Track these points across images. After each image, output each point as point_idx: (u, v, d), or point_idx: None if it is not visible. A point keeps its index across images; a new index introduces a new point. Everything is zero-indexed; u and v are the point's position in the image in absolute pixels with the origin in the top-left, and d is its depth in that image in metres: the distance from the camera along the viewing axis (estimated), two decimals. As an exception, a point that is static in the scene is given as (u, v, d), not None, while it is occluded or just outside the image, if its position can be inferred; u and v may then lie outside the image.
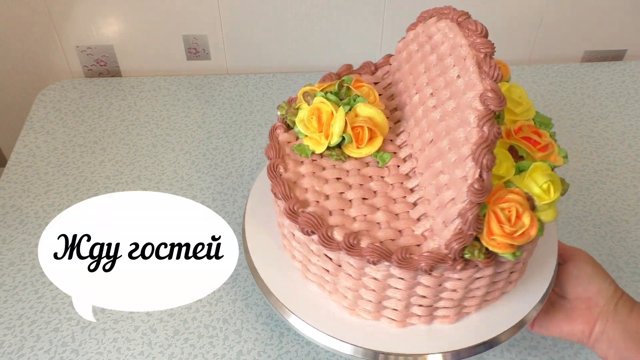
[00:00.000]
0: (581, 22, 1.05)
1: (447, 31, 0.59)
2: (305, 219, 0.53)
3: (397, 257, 0.51)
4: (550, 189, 0.53)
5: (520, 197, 0.52)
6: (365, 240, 0.52)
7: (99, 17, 0.99)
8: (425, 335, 0.57)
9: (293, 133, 0.62)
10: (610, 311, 0.59)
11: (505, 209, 0.51)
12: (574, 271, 0.62)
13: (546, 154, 0.57)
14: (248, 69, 1.07)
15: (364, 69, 0.68)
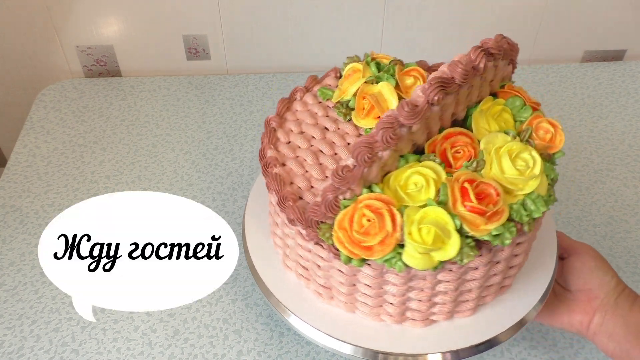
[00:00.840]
0: (581, 22, 1.05)
1: None
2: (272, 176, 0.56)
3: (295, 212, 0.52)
4: (426, 234, 0.49)
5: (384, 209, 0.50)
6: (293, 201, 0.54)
7: (99, 17, 0.99)
8: (425, 335, 0.57)
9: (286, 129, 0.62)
10: (610, 304, 0.59)
11: (365, 215, 0.50)
12: (576, 264, 0.62)
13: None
14: (248, 69, 1.07)
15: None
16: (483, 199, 0.51)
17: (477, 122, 0.56)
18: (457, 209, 0.50)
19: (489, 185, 0.51)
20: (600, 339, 0.59)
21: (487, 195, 0.51)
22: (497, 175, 0.52)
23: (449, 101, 0.54)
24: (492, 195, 0.51)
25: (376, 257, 0.50)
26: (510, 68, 0.61)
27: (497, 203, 0.50)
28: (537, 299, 0.59)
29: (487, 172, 0.52)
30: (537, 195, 0.52)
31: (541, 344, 0.68)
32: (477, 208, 0.49)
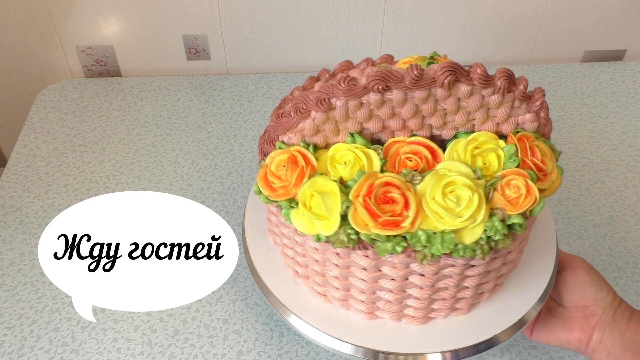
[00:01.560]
0: (581, 22, 1.05)
1: None
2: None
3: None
4: (312, 201, 0.52)
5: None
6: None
7: (99, 17, 0.99)
8: (425, 335, 0.57)
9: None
10: (608, 320, 0.58)
11: (284, 161, 0.55)
12: (570, 278, 0.61)
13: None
14: (248, 69, 1.07)
15: (363, 65, 0.68)
16: (386, 203, 0.50)
17: (454, 146, 0.55)
18: (356, 197, 0.51)
19: (402, 195, 0.50)
20: (599, 356, 0.58)
21: (394, 203, 0.50)
22: (422, 192, 0.51)
23: (396, 99, 0.52)
24: (397, 207, 0.50)
25: (274, 199, 0.54)
26: (535, 121, 0.55)
27: (398, 215, 0.50)
28: (537, 299, 0.59)
29: (419, 187, 0.52)
30: (451, 238, 0.50)
31: (541, 343, 0.68)
32: (371, 208, 0.50)
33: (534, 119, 0.55)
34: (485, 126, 0.56)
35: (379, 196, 0.51)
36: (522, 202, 0.51)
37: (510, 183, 0.52)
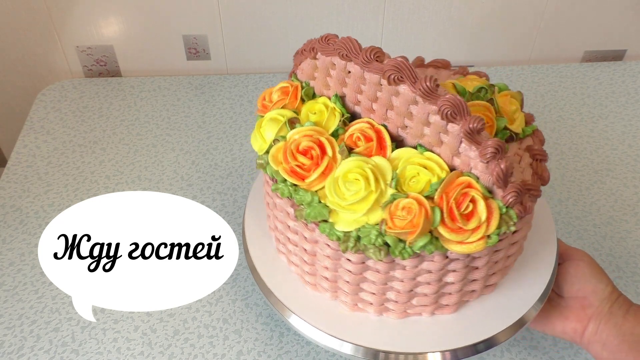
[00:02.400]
0: (581, 22, 1.05)
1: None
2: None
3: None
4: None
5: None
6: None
7: (99, 17, 0.99)
8: (425, 334, 0.57)
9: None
10: (604, 312, 0.59)
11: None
12: (570, 270, 0.62)
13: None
14: (248, 69, 1.07)
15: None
16: (304, 154, 0.54)
17: (404, 152, 0.54)
18: (290, 141, 0.55)
19: (318, 157, 0.54)
20: (594, 347, 0.59)
21: (309, 158, 0.54)
22: (337, 166, 0.54)
23: (354, 72, 0.54)
24: (308, 163, 0.53)
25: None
26: (488, 175, 0.50)
27: (305, 169, 0.54)
28: (537, 299, 0.59)
29: (342, 163, 0.54)
30: (322, 210, 0.52)
31: (541, 344, 0.68)
32: (289, 152, 0.55)
33: (486, 172, 0.50)
34: (440, 150, 0.53)
35: (302, 148, 0.54)
36: (403, 225, 0.49)
37: (405, 205, 0.50)
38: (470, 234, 0.50)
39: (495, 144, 0.48)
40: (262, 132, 0.58)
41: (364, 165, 0.52)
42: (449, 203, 0.49)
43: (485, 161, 0.49)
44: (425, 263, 0.53)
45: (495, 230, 0.50)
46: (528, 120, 0.62)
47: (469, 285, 0.57)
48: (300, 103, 0.60)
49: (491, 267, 0.57)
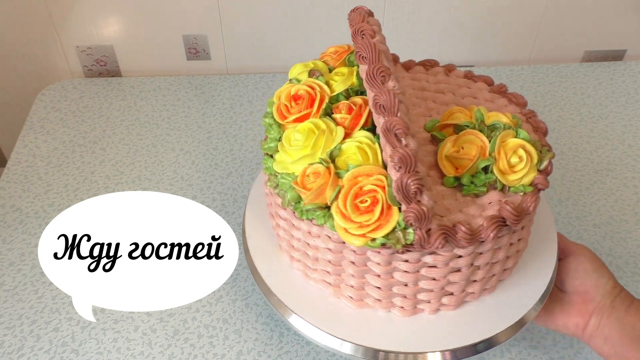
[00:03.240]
0: (581, 22, 1.05)
1: None
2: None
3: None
4: None
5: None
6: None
7: (99, 17, 0.99)
8: (425, 334, 0.57)
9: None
10: (606, 306, 0.59)
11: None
12: (572, 265, 0.62)
13: None
14: (248, 69, 1.07)
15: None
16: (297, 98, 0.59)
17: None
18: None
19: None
20: (596, 342, 0.59)
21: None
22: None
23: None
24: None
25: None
26: None
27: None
28: (537, 299, 0.59)
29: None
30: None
31: (541, 343, 0.68)
32: (280, 104, 0.59)
33: (394, 181, 0.49)
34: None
35: (296, 94, 0.58)
36: (305, 185, 0.53)
37: (316, 170, 0.53)
38: (355, 226, 0.50)
39: (403, 154, 0.48)
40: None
41: (320, 126, 0.55)
42: (350, 189, 0.51)
43: (395, 168, 0.49)
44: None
45: (383, 237, 0.50)
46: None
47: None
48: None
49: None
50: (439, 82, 0.69)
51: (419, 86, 0.68)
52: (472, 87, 0.68)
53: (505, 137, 0.56)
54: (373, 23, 0.58)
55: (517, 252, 0.60)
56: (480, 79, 0.68)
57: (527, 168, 0.55)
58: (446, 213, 0.54)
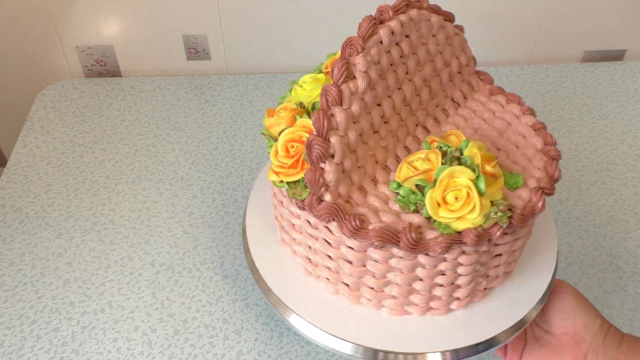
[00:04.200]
0: (581, 22, 1.05)
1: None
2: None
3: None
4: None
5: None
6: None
7: (99, 17, 0.99)
8: (425, 334, 0.57)
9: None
10: (599, 346, 0.57)
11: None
12: (558, 304, 0.60)
13: None
14: (248, 69, 1.07)
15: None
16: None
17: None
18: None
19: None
20: None
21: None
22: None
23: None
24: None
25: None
26: None
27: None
28: (537, 299, 0.59)
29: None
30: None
31: None
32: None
33: None
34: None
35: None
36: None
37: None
38: (276, 165, 0.55)
39: (320, 119, 0.51)
40: None
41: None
42: (289, 134, 0.56)
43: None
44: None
45: (287, 183, 0.55)
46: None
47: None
48: None
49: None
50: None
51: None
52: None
53: (458, 172, 0.52)
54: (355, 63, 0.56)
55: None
56: (513, 99, 0.66)
57: (459, 213, 0.50)
58: (361, 205, 0.54)
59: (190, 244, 0.78)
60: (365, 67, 0.53)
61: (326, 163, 0.52)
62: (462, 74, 0.67)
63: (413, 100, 0.61)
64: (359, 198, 0.54)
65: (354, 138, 0.54)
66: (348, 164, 0.54)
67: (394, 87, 0.58)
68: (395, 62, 0.57)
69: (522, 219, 0.52)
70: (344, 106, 0.53)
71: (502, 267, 0.58)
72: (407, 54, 0.58)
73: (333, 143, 0.52)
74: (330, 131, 0.52)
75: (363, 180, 0.56)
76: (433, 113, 0.63)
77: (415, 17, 0.59)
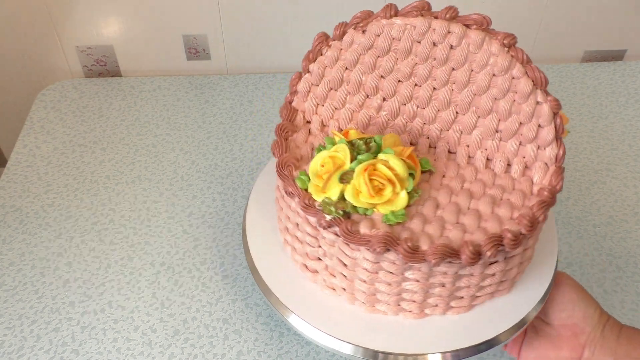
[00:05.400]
0: (581, 22, 1.05)
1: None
2: (378, 239, 0.52)
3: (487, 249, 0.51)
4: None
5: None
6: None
7: (99, 17, 0.99)
8: (424, 335, 0.57)
9: (303, 131, 0.62)
10: (597, 338, 0.57)
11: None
12: (557, 296, 0.60)
13: None
14: (248, 69, 1.07)
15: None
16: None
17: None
18: None
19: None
20: None
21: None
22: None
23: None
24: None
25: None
26: None
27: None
28: (538, 299, 0.59)
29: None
30: None
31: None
32: None
33: None
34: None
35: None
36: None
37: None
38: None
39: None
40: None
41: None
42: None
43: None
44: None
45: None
46: None
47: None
48: None
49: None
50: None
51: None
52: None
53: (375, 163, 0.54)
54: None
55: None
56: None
57: (388, 195, 0.53)
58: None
59: (190, 244, 0.78)
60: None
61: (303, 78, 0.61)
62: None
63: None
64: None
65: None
66: (320, 91, 0.61)
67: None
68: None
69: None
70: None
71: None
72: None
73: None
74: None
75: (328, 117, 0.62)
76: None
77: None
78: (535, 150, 0.59)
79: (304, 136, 0.62)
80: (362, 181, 0.53)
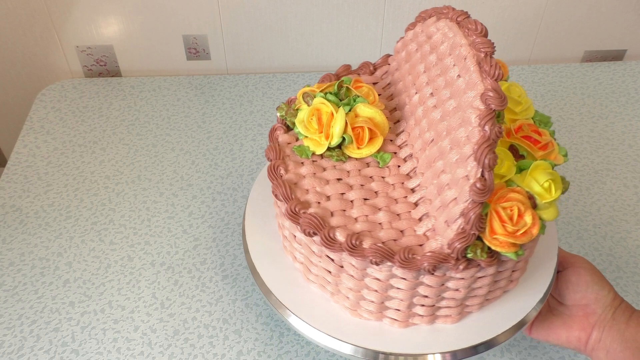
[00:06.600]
0: (581, 22, 1.05)
1: (447, 31, 0.59)
2: (307, 220, 0.53)
3: (399, 257, 0.51)
4: (552, 187, 0.53)
5: (522, 195, 0.52)
6: (368, 241, 0.52)
7: (99, 17, 0.99)
8: (425, 336, 0.57)
9: (293, 134, 0.62)
10: (607, 319, 0.58)
11: (507, 207, 0.51)
12: (572, 278, 0.61)
13: (546, 153, 0.57)
14: (248, 69, 1.07)
15: (363, 69, 0.68)
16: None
17: None
18: None
19: None
20: (598, 355, 0.59)
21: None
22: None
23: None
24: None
25: (536, 232, 0.51)
26: None
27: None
28: (537, 300, 0.59)
29: None
30: None
31: (541, 344, 0.68)
32: None
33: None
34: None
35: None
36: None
37: None
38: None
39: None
40: None
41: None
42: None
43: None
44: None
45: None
46: None
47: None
48: None
49: (513, 274, 0.57)
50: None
51: None
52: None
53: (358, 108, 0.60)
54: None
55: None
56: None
57: None
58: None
59: (190, 244, 0.78)
60: None
61: None
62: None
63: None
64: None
65: None
66: None
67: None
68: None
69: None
70: None
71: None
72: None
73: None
74: None
75: None
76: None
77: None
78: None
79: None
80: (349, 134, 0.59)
